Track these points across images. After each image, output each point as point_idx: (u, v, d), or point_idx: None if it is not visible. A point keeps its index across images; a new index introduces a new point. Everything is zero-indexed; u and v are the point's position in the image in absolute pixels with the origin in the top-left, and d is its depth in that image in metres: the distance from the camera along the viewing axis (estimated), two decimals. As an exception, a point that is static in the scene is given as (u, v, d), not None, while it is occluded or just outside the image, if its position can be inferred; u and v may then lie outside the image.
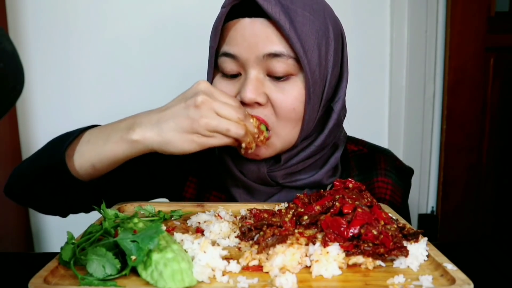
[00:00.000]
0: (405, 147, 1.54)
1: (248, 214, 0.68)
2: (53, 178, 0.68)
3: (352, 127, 0.92)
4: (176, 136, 0.62)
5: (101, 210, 0.62)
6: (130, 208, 0.75)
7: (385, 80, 1.50)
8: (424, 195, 1.61)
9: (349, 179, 0.67)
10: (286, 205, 0.72)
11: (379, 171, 0.87)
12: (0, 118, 0.39)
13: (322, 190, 0.69)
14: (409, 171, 0.91)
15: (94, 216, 0.67)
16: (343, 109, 0.79)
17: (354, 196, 0.61)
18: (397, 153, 1.49)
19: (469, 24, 1.51)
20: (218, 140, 0.63)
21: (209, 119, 0.61)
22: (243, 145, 0.66)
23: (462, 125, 1.57)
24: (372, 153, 0.89)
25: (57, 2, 1.33)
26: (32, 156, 0.76)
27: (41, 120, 1.39)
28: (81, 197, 0.73)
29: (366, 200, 0.61)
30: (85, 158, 0.68)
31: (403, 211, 0.88)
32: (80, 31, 1.35)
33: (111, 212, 0.61)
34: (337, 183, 0.67)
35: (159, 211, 0.69)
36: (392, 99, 1.51)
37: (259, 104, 0.69)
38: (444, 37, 1.52)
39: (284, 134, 0.72)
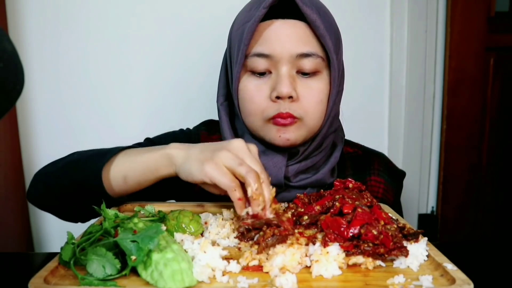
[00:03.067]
0: (405, 147, 1.54)
1: (245, 215, 0.67)
2: (85, 191, 0.72)
3: (352, 127, 0.93)
4: (196, 156, 0.64)
5: (101, 210, 0.62)
6: (130, 208, 0.75)
7: (385, 80, 1.50)
8: (424, 195, 1.61)
9: (349, 179, 0.68)
10: (286, 205, 0.72)
11: (372, 171, 0.91)
12: (0, 118, 0.39)
13: (322, 190, 0.69)
14: (401, 173, 0.96)
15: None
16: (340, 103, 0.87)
17: (354, 196, 0.61)
18: (397, 153, 1.51)
19: (469, 24, 1.51)
20: (225, 181, 0.60)
21: (229, 156, 0.61)
22: (249, 191, 0.59)
23: (462, 125, 1.56)
24: (366, 155, 0.94)
25: (57, 2, 1.33)
26: (61, 165, 0.78)
27: (41, 120, 1.39)
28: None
29: (366, 200, 0.61)
30: (120, 169, 0.71)
31: (395, 210, 0.89)
32: (81, 31, 1.35)
33: (111, 212, 0.61)
34: (337, 183, 0.67)
35: (159, 211, 0.69)
36: (392, 99, 1.50)
37: (291, 99, 0.75)
38: (444, 37, 1.52)
39: (312, 125, 0.79)
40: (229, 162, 0.61)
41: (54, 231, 1.45)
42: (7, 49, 0.38)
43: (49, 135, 1.39)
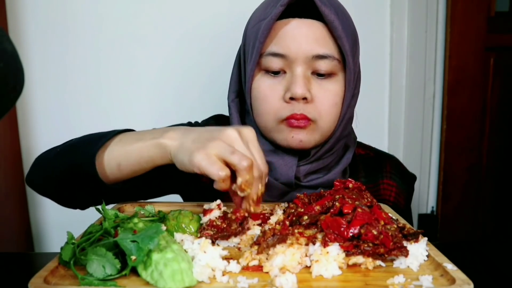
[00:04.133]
0: (405, 147, 1.54)
1: (206, 225, 0.63)
2: (80, 176, 0.69)
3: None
4: (188, 146, 0.61)
5: (101, 210, 0.62)
6: (130, 208, 0.75)
7: (385, 80, 1.50)
8: (424, 195, 1.61)
9: (349, 179, 0.67)
10: (286, 205, 0.72)
11: (385, 174, 0.90)
12: (0, 118, 0.39)
13: (321, 190, 0.69)
14: (413, 177, 0.95)
15: (94, 216, 0.67)
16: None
17: (354, 196, 0.61)
18: (397, 153, 1.51)
19: (469, 24, 1.51)
20: (214, 170, 0.57)
21: (222, 145, 0.58)
22: (239, 180, 0.57)
23: (462, 125, 1.56)
24: (378, 157, 0.93)
25: (57, 2, 1.33)
26: (59, 149, 0.76)
27: (41, 120, 1.39)
28: (104, 195, 0.72)
29: (366, 200, 0.61)
30: (114, 156, 0.68)
31: (406, 213, 0.90)
32: (81, 31, 1.35)
33: (111, 212, 0.61)
34: (337, 183, 0.67)
35: (159, 211, 0.69)
36: (392, 99, 1.50)
37: (305, 100, 0.73)
38: (444, 37, 1.52)
39: (326, 128, 0.77)
40: (220, 151, 0.57)
41: (54, 231, 1.45)
42: (7, 49, 0.38)
43: (49, 135, 1.39)
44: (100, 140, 0.69)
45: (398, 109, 1.51)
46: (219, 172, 0.56)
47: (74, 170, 0.69)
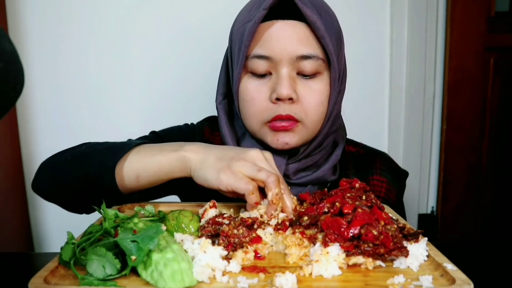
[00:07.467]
0: (405, 147, 1.54)
1: (206, 224, 0.62)
2: (96, 186, 0.71)
3: (352, 127, 0.93)
4: (212, 164, 0.65)
5: (101, 210, 0.62)
6: (130, 208, 0.75)
7: (385, 80, 1.50)
8: (424, 195, 1.61)
9: (356, 178, 0.67)
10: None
11: (375, 170, 0.90)
12: (0, 118, 0.39)
13: (326, 189, 0.69)
14: (404, 173, 0.95)
15: (94, 216, 0.67)
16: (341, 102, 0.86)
17: (353, 196, 0.60)
18: (397, 153, 1.51)
19: (469, 24, 1.51)
20: (242, 185, 0.61)
21: (247, 165, 0.63)
22: (269, 195, 0.61)
23: (462, 125, 1.56)
24: (369, 154, 0.94)
25: (57, 2, 1.33)
26: (69, 158, 0.77)
27: (41, 120, 1.39)
28: (115, 200, 0.75)
29: (366, 200, 0.61)
30: (132, 167, 0.71)
31: (398, 209, 0.90)
32: (81, 31, 1.35)
33: (111, 212, 0.61)
34: (343, 182, 0.67)
35: (159, 211, 0.69)
36: (392, 99, 1.51)
37: (291, 100, 0.74)
38: (444, 37, 1.52)
39: (313, 127, 0.78)
40: (247, 170, 0.62)
41: (54, 231, 1.45)
42: (7, 49, 0.38)
43: (49, 135, 1.39)
44: (118, 151, 0.72)
45: (398, 109, 1.51)
46: (247, 185, 0.61)
47: (90, 180, 0.71)
